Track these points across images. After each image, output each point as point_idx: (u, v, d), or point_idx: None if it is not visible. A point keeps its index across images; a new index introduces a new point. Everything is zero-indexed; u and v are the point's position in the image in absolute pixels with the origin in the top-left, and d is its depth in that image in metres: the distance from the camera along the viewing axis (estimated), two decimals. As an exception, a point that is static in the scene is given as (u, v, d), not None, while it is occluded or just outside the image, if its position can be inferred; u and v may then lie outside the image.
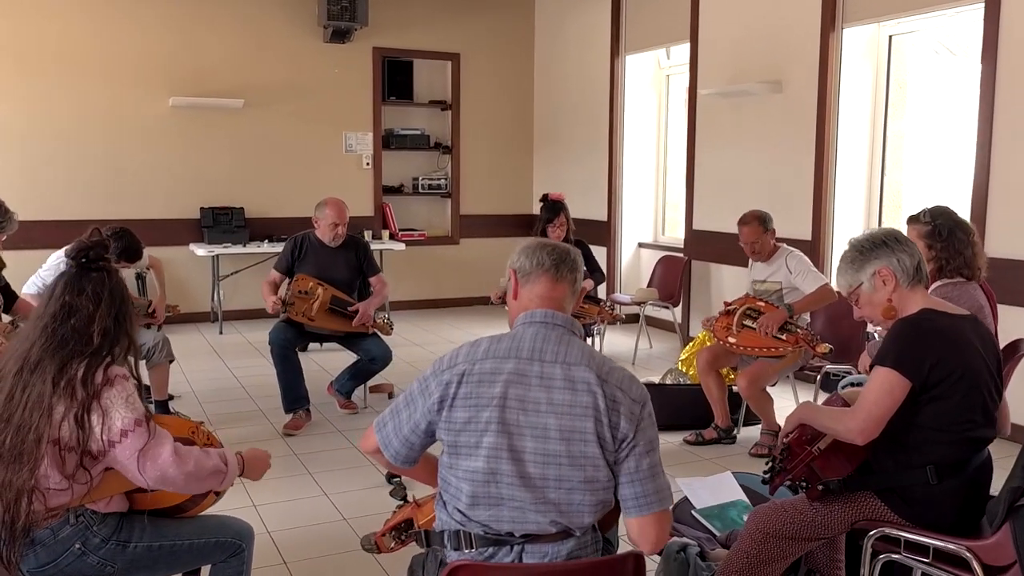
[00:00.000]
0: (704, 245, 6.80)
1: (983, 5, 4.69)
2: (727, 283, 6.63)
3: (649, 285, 6.91)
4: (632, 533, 1.82)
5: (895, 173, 5.90)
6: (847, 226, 5.84)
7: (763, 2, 6.13)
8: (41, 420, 1.96)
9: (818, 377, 4.53)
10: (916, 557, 2.23)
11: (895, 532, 2.25)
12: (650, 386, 4.93)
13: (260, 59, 7.85)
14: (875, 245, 2.39)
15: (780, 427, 4.49)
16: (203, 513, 2.29)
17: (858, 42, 5.68)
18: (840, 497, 2.35)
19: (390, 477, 2.20)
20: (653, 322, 7.44)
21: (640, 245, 7.92)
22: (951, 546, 2.16)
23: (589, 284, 5.15)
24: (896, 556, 2.28)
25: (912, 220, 3.50)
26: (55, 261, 4.62)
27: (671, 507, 1.84)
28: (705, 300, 6.86)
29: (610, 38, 7.78)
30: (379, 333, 4.97)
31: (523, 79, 9.03)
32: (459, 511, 1.84)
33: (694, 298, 6.96)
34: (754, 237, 4.53)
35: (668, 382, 4.99)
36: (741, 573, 2.45)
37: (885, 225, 5.93)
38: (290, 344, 4.74)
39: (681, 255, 7.01)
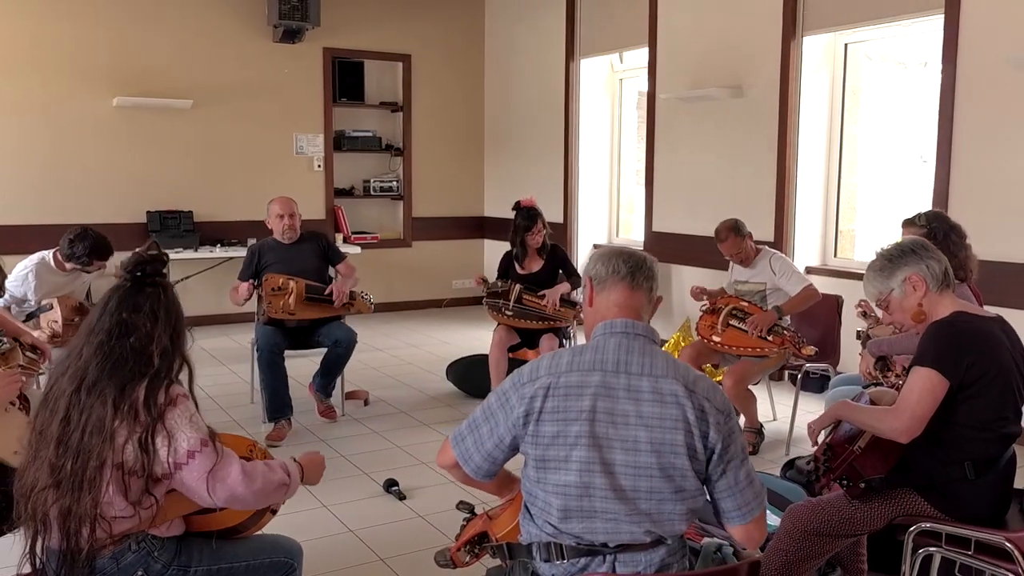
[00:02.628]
0: (664, 246, 6.92)
1: (943, 15, 4.90)
2: (688, 283, 6.74)
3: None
4: (738, 539, 1.86)
5: (850, 176, 6.12)
6: (807, 228, 6.03)
7: (723, 9, 6.27)
8: (104, 445, 1.88)
9: (799, 376, 4.66)
10: (957, 550, 2.33)
11: (938, 527, 2.35)
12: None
13: (209, 58, 7.64)
14: (904, 253, 2.49)
15: (761, 425, 4.63)
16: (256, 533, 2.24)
17: (815, 50, 5.88)
18: (879, 494, 2.43)
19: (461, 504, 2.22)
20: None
21: (595, 247, 8.01)
22: (993, 538, 2.27)
23: (567, 287, 5.18)
24: (935, 549, 2.38)
25: (908, 223, 3.65)
26: (22, 272, 4.42)
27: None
28: (666, 300, 6.98)
29: (565, 42, 7.84)
30: (344, 317, 5.02)
31: (474, 81, 9.02)
32: (550, 524, 1.84)
33: (655, 298, 7.07)
34: (735, 249, 4.64)
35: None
36: (781, 571, 2.52)
37: (842, 227, 6.17)
38: (278, 349, 4.64)
39: (641, 256, 7.12)
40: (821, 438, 2.65)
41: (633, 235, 7.92)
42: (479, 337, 7.49)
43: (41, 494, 1.90)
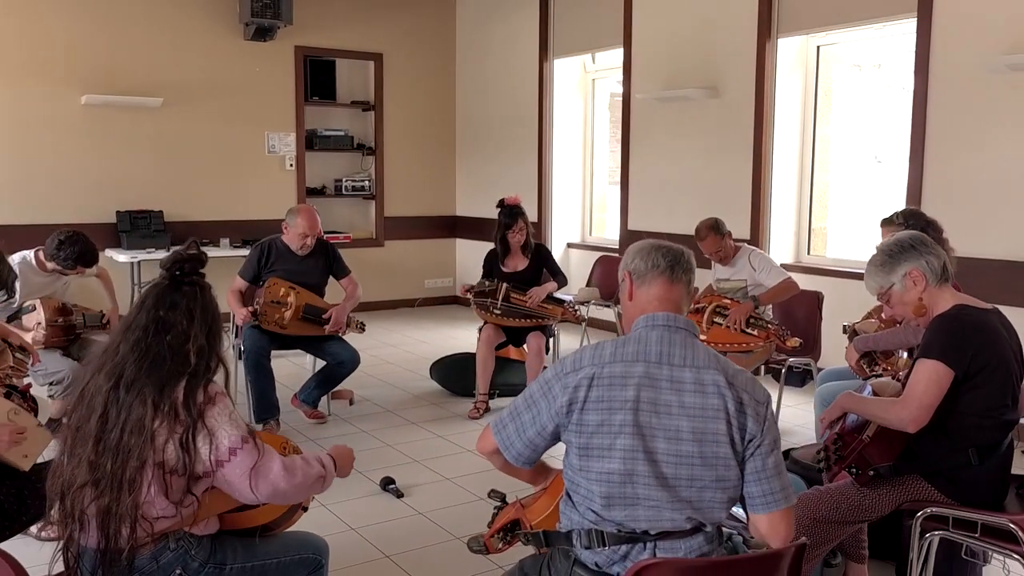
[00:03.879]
0: (640, 245, 7.01)
1: (915, 19, 5.06)
2: (663, 281, 6.86)
3: (588, 285, 7.06)
4: (762, 529, 1.89)
5: (822, 175, 6.28)
6: (781, 226, 6.17)
7: (698, 11, 6.38)
8: (145, 445, 1.87)
9: (782, 372, 4.77)
10: (964, 533, 2.43)
11: (945, 511, 2.44)
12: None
13: (179, 56, 7.54)
14: (904, 249, 2.58)
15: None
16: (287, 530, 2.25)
17: (789, 52, 6.01)
18: (887, 481, 2.52)
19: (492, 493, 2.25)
20: (590, 321, 7.59)
21: (569, 245, 8.08)
22: (999, 521, 2.37)
23: (553, 286, 5.23)
24: (941, 533, 2.48)
25: (886, 222, 3.76)
26: None
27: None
28: (642, 298, 7.07)
29: (538, 42, 7.90)
30: (344, 336, 4.94)
31: (446, 80, 9.03)
32: (592, 511, 1.88)
33: (630, 296, 7.16)
34: (715, 247, 4.72)
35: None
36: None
37: (815, 224, 6.32)
38: (264, 351, 4.61)
39: (617, 255, 7.20)
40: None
41: (607, 234, 8.01)
42: (455, 336, 7.52)
43: (79, 492, 1.89)
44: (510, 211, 5.23)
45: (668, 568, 1.72)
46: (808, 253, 6.24)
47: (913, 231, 2.75)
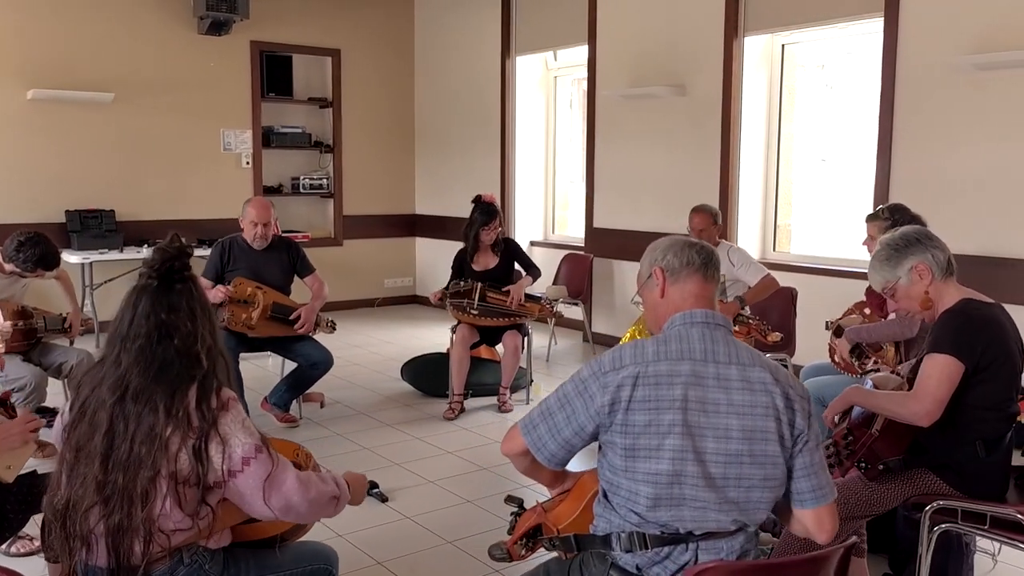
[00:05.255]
0: (606, 242, 7.01)
1: (882, 19, 5.13)
2: (629, 279, 6.87)
3: (555, 283, 7.03)
4: (809, 524, 1.87)
5: (786, 172, 6.35)
6: (748, 222, 6.22)
7: (664, 9, 6.39)
8: (157, 454, 1.76)
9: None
10: (973, 525, 2.45)
11: (953, 503, 2.46)
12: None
13: (131, 50, 7.29)
14: (909, 243, 2.60)
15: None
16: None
17: (755, 50, 6.06)
18: (896, 475, 2.53)
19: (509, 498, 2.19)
20: (557, 320, 7.57)
21: (532, 243, 8.04)
22: (1007, 513, 2.39)
23: (528, 281, 5.18)
24: (949, 525, 2.49)
25: (872, 217, 3.80)
26: None
27: None
28: (609, 295, 7.08)
29: (501, 39, 7.84)
30: (314, 336, 4.82)
31: (404, 77, 8.91)
32: (635, 513, 1.83)
33: (597, 295, 7.16)
34: (704, 225, 4.68)
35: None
36: (800, 554, 2.58)
37: (781, 221, 6.39)
38: (234, 353, 4.46)
39: (581, 252, 7.19)
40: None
41: (570, 231, 7.99)
42: (419, 336, 7.43)
43: (85, 513, 1.78)
44: (487, 209, 5.18)
45: (722, 571, 1.68)
46: (774, 250, 6.30)
47: (917, 226, 2.76)
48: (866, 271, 2.63)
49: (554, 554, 2.11)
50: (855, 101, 5.88)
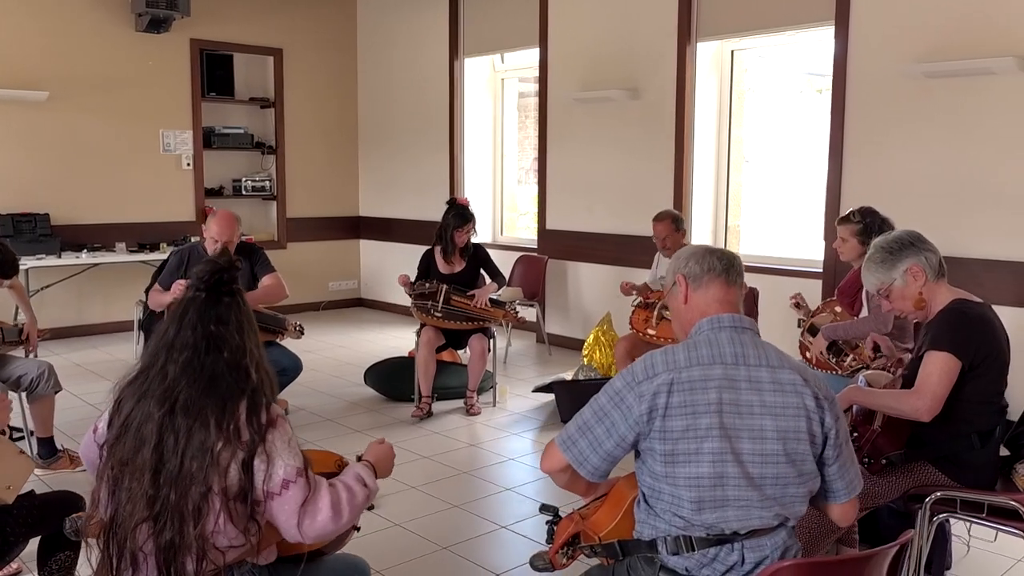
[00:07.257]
0: (560, 244, 7.07)
1: (832, 27, 5.32)
2: (585, 280, 6.95)
3: (509, 284, 7.04)
4: (834, 516, 1.98)
5: (736, 175, 6.52)
6: (701, 224, 6.36)
7: (617, 14, 6.48)
8: (209, 470, 1.72)
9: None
10: (971, 514, 2.58)
11: (954, 494, 2.58)
12: (564, 383, 5.09)
13: (66, 47, 7.00)
14: (903, 246, 2.71)
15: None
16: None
17: (706, 56, 6.21)
18: (897, 468, 2.64)
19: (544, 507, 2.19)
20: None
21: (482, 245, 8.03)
22: (1003, 501, 2.52)
23: (493, 286, 5.20)
24: (948, 514, 2.62)
25: (843, 220, 3.94)
26: None
27: None
28: (564, 297, 7.14)
29: (448, 41, 7.82)
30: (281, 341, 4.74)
31: (347, 77, 8.80)
32: (680, 516, 1.87)
33: (551, 296, 7.21)
34: (666, 232, 4.81)
35: (580, 378, 5.17)
36: (804, 546, 2.67)
37: (731, 222, 6.55)
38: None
39: (535, 254, 7.23)
40: None
41: (519, 233, 8.02)
42: (371, 340, 7.35)
43: (133, 530, 1.72)
44: (461, 211, 5.21)
45: (794, 570, 1.73)
46: (725, 250, 6.45)
47: (909, 229, 2.88)
48: (818, 271, 2.75)
49: (594, 562, 2.13)
50: (805, 106, 6.08)
